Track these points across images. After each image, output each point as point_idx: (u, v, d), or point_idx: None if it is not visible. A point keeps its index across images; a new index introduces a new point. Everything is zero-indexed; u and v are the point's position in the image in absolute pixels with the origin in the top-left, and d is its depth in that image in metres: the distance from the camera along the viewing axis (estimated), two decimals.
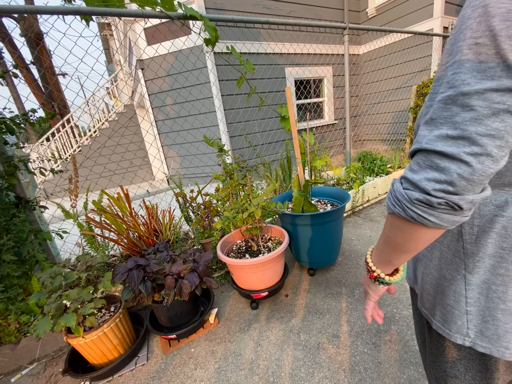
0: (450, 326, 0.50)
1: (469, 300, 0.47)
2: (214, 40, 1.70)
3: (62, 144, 6.79)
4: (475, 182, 0.35)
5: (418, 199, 0.38)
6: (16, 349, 1.47)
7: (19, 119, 1.63)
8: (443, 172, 0.35)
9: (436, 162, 0.36)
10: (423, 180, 0.37)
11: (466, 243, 0.47)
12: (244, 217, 1.53)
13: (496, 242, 0.43)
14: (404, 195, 0.39)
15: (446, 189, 0.35)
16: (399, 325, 1.41)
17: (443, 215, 0.37)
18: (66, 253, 1.99)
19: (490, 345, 0.45)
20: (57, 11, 1.48)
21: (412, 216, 0.39)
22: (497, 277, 0.44)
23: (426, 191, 0.37)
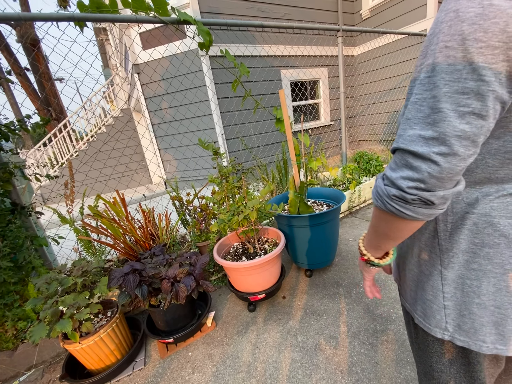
0: (430, 320, 0.51)
1: (446, 294, 0.48)
2: (208, 44, 1.72)
3: (58, 149, 6.78)
4: (444, 180, 0.37)
5: (395, 195, 0.40)
6: (14, 356, 1.46)
7: (14, 125, 1.63)
8: (415, 170, 0.38)
9: (409, 161, 0.38)
10: (399, 178, 0.40)
11: (441, 240, 0.48)
12: (240, 220, 1.54)
13: (468, 238, 0.45)
14: (384, 191, 0.42)
15: (418, 186, 0.38)
16: (395, 324, 1.42)
17: (418, 209, 0.40)
18: (63, 258, 1.98)
19: (468, 339, 0.46)
20: (51, 17, 1.49)
21: (391, 210, 0.42)
22: (471, 272, 0.45)
23: (401, 188, 0.39)
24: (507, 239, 0.42)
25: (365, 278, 0.67)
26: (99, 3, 1.57)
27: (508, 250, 0.42)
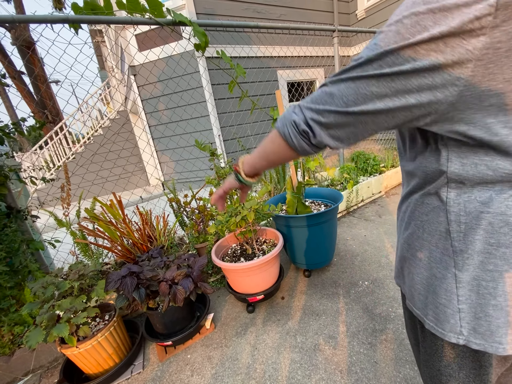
0: (444, 325, 0.49)
1: (460, 298, 0.47)
2: (204, 45, 1.71)
3: (55, 152, 6.74)
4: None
5: (294, 121, 0.49)
6: (11, 361, 1.45)
7: (8, 128, 1.62)
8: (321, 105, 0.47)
9: (322, 99, 0.46)
10: (307, 113, 0.48)
11: (454, 241, 0.47)
12: (237, 221, 1.53)
13: (484, 239, 0.44)
14: (290, 115, 0.51)
15: (317, 122, 0.47)
16: (394, 323, 1.42)
17: (301, 141, 0.50)
18: (60, 262, 1.97)
19: (484, 342, 0.45)
20: (45, 20, 1.48)
21: (284, 132, 0.52)
22: (486, 273, 0.44)
23: (305, 120, 0.48)
24: None
25: (222, 186, 0.71)
26: (94, 5, 1.56)
27: None
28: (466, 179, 0.44)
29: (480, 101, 0.36)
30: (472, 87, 0.35)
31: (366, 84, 0.41)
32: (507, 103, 0.36)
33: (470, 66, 0.34)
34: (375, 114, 0.42)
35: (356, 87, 0.42)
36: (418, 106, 0.39)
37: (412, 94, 0.38)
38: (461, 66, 0.34)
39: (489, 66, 0.33)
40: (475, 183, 0.44)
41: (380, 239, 2.29)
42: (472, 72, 0.34)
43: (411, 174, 0.55)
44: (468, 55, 0.33)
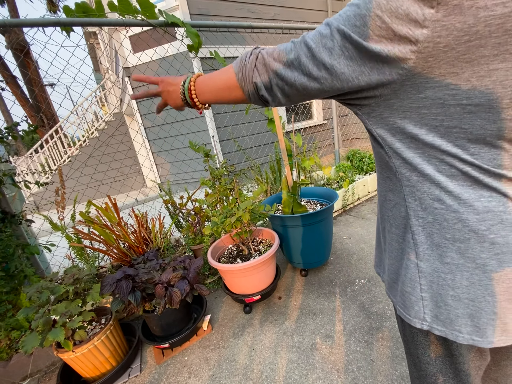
0: (409, 311, 0.52)
1: (423, 286, 0.49)
2: (197, 46, 1.71)
3: (50, 155, 6.70)
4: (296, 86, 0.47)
5: (256, 68, 0.49)
6: (8, 366, 1.44)
7: (1, 133, 1.61)
8: (288, 69, 0.47)
9: (290, 58, 0.47)
10: (276, 67, 0.48)
11: (415, 234, 0.50)
12: (232, 222, 1.53)
13: (440, 233, 0.46)
14: (253, 58, 0.50)
15: (280, 77, 0.48)
16: (390, 321, 1.43)
17: (251, 88, 0.51)
18: (55, 266, 1.96)
19: (445, 328, 0.48)
20: (37, 23, 1.47)
21: (242, 73, 0.51)
22: (444, 266, 0.46)
23: (268, 72, 0.49)
24: (476, 234, 0.43)
25: (157, 90, 0.68)
26: (85, 8, 1.56)
27: (478, 245, 0.43)
28: (411, 175, 0.47)
29: (417, 91, 0.39)
30: (412, 77, 0.38)
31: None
32: (440, 97, 0.38)
33: (413, 58, 0.36)
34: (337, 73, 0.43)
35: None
36: (368, 84, 0.42)
37: (367, 70, 0.41)
38: (405, 56, 0.37)
39: (429, 59, 0.36)
40: (424, 180, 0.46)
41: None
42: (414, 64, 0.37)
43: (377, 169, 0.58)
44: (411, 47, 0.36)
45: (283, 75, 0.47)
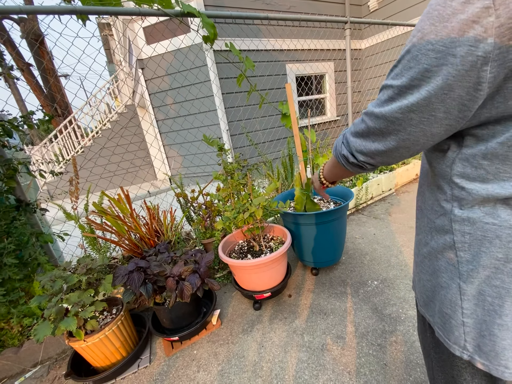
0: (449, 335, 0.48)
1: (465, 311, 0.44)
2: (212, 38, 1.67)
3: (64, 145, 6.81)
4: (382, 154, 0.47)
5: (344, 155, 0.56)
6: (19, 352, 1.47)
7: (17, 121, 1.62)
8: (364, 139, 0.50)
9: (361, 129, 0.49)
10: (353, 143, 0.52)
11: (459, 251, 0.44)
12: (245, 218, 1.51)
13: (490, 252, 0.40)
14: (340, 148, 0.57)
15: (362, 153, 0.51)
16: (405, 325, 1.38)
17: (355, 168, 0.57)
18: (68, 255, 1.98)
19: (488, 363, 0.42)
20: (53, 10, 1.46)
21: (338, 161, 0.60)
22: (492, 289, 0.41)
23: (350, 152, 0.54)
24: None
25: (317, 190, 0.91)
26: None
27: None
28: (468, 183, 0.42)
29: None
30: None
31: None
32: None
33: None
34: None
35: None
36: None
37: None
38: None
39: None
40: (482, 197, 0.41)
41: (390, 238, 2.24)
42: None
43: (425, 174, 0.54)
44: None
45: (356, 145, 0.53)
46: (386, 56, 5.40)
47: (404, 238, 2.20)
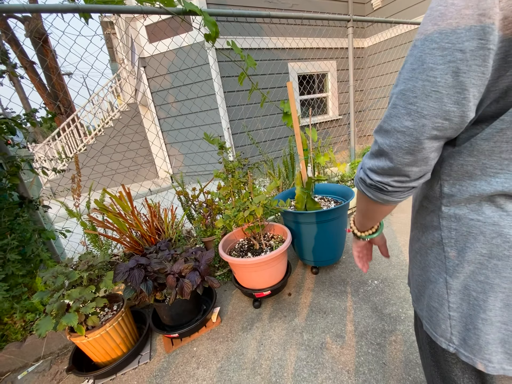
0: (436, 329, 0.49)
1: (451, 305, 0.46)
2: (214, 36, 1.67)
3: (67, 143, 6.85)
4: (395, 170, 0.41)
5: (361, 177, 0.49)
6: (22, 347, 1.49)
7: (20, 119, 1.63)
8: (377, 159, 0.43)
9: (374, 149, 0.44)
10: (366, 163, 0.47)
11: (446, 246, 0.46)
12: (245, 216, 1.51)
13: (475, 248, 0.41)
14: (358, 172, 0.50)
15: (376, 172, 0.44)
16: (404, 325, 1.38)
17: (376, 193, 0.47)
18: (70, 251, 2.00)
19: (473, 356, 0.43)
20: (56, 9, 1.47)
21: (358, 189, 0.51)
22: (477, 284, 0.42)
23: (365, 172, 0.47)
24: None
25: (353, 249, 0.76)
26: None
27: None
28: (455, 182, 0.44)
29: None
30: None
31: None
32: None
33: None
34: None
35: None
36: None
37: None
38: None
39: None
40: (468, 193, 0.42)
41: (391, 237, 2.23)
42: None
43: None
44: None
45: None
46: (389, 54, 5.37)
47: (405, 237, 2.19)
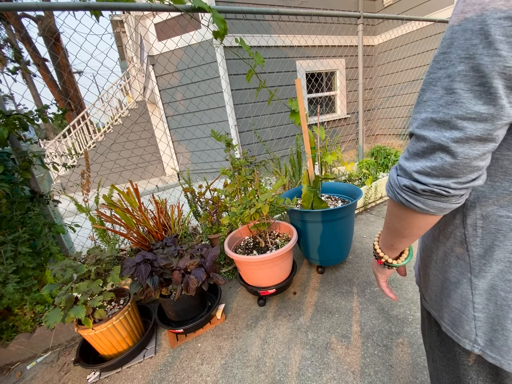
0: (458, 330, 0.47)
1: (476, 305, 0.44)
2: (222, 33, 1.67)
3: (77, 140, 6.97)
4: (459, 169, 0.34)
5: (405, 185, 0.39)
6: (32, 338, 1.52)
7: (32, 115, 1.66)
8: (427, 158, 0.36)
9: (422, 147, 0.36)
10: (410, 167, 0.38)
11: (471, 245, 0.43)
12: (252, 213, 1.51)
13: (504, 246, 0.39)
14: (395, 181, 0.41)
15: (430, 175, 0.36)
16: (412, 327, 1.36)
17: (429, 201, 0.38)
18: (79, 246, 2.04)
19: (500, 357, 0.42)
20: (68, 7, 1.49)
21: (401, 201, 0.41)
22: (506, 283, 0.40)
23: (412, 178, 0.38)
24: None
25: (379, 279, 0.65)
26: None
27: None
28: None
29: None
30: None
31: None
32: None
33: None
34: None
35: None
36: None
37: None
38: None
39: None
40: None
41: None
42: None
43: None
44: None
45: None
46: (401, 52, 5.27)
47: None
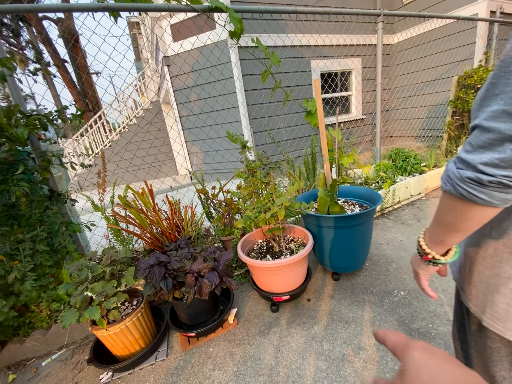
0: (505, 323, 0.47)
1: None
2: (239, 32, 1.64)
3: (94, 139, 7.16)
4: None
5: (469, 177, 0.38)
6: (47, 335, 1.55)
7: (52, 115, 1.69)
8: (496, 150, 0.34)
9: (491, 139, 0.35)
10: (474, 159, 0.37)
11: None
12: (267, 218, 1.47)
13: None
14: (455, 174, 0.40)
15: (499, 166, 0.34)
16: (435, 342, 1.28)
17: (494, 193, 0.37)
18: (94, 244, 2.06)
19: None
20: (87, 8, 1.50)
21: (462, 193, 0.39)
22: None
23: (478, 170, 0.36)
24: None
25: (421, 277, 0.59)
26: None
27: None
28: None
29: None
30: None
31: None
32: None
33: None
34: None
35: None
36: None
37: None
38: None
39: None
40: None
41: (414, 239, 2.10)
42: None
43: None
44: None
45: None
46: (420, 51, 5.09)
47: None
